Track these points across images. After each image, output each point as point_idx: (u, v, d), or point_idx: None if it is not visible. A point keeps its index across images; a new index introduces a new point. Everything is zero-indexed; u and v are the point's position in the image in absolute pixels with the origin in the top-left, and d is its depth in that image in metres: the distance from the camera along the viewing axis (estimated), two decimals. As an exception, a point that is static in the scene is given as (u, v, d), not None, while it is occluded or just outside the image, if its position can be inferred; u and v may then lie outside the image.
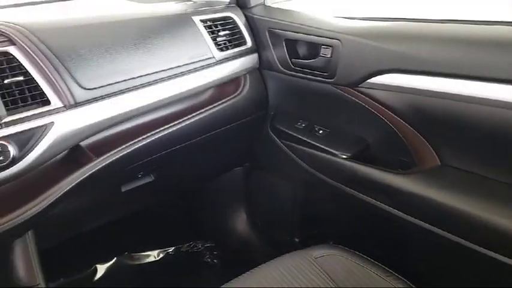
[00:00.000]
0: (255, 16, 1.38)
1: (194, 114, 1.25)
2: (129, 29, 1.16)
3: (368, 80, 1.14)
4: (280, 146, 1.43)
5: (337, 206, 1.43)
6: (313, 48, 1.26)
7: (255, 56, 1.39)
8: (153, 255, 1.80)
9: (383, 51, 1.10)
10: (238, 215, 1.81)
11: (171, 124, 1.19)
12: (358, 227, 1.40)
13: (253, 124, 1.47)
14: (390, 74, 1.10)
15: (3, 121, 0.90)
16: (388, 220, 1.15)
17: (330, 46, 1.20)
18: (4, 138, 0.89)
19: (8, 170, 0.89)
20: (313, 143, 1.32)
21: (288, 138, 1.40)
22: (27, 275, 1.04)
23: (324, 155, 1.29)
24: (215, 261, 1.80)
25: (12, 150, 0.89)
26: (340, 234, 1.46)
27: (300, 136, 1.36)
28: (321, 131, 1.34)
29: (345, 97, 1.22)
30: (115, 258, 1.73)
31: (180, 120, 1.22)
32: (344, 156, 1.25)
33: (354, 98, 1.20)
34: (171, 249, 1.82)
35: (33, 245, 1.05)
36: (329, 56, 1.20)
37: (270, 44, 1.35)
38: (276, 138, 1.44)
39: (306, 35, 1.25)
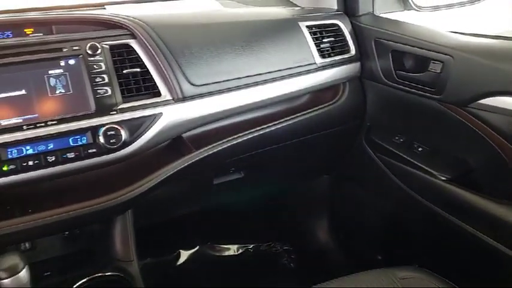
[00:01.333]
0: (362, 25, 1.36)
1: (288, 117, 1.26)
2: (238, 30, 1.20)
3: (478, 101, 1.07)
4: (373, 159, 1.39)
5: (428, 228, 1.36)
6: (422, 62, 1.21)
7: (357, 64, 1.36)
8: (233, 249, 1.85)
9: (497, 71, 1.03)
10: (320, 222, 1.80)
11: (266, 125, 1.22)
12: (449, 253, 1.32)
13: (347, 133, 1.45)
14: (503, 97, 1.02)
15: (119, 107, 0.98)
16: (485, 252, 1.07)
17: (441, 61, 1.14)
18: (118, 123, 0.97)
19: (119, 152, 0.97)
20: (411, 160, 1.26)
21: (383, 151, 1.36)
22: (123, 250, 1.13)
23: (421, 173, 1.23)
24: (291, 264, 1.81)
25: (124, 135, 0.97)
26: (427, 258, 1.39)
27: (396, 151, 1.31)
28: (420, 148, 1.28)
29: (451, 116, 1.15)
30: (198, 247, 1.81)
31: (275, 122, 1.23)
32: (443, 178, 1.18)
33: (460, 118, 1.13)
34: (250, 246, 1.86)
35: (131, 223, 1.14)
36: (438, 71, 1.15)
37: (375, 54, 1.32)
38: (370, 151, 1.41)
39: (415, 48, 1.20)
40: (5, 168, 0.88)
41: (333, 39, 1.32)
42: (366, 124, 1.43)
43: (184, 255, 1.78)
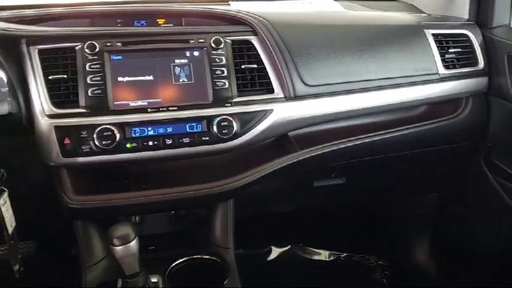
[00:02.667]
0: (494, 37, 1.25)
1: (402, 127, 1.21)
2: (358, 34, 1.18)
3: None
4: (491, 183, 1.28)
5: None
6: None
7: (484, 79, 1.26)
8: (325, 255, 1.82)
9: None
10: (421, 242, 1.70)
11: (377, 133, 1.18)
12: None
13: (465, 151, 1.34)
14: None
15: (233, 100, 1.02)
16: None
17: None
18: (231, 115, 1.01)
19: (229, 142, 1.01)
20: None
21: (504, 175, 1.24)
22: (222, 236, 1.18)
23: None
24: (384, 280, 1.74)
25: (236, 127, 1.01)
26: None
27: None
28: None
29: None
30: (289, 246, 1.82)
31: (387, 130, 1.19)
32: None
33: None
34: (343, 255, 1.82)
35: (232, 212, 1.18)
36: None
37: (507, 70, 1.21)
38: (488, 173, 1.29)
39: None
40: (128, 146, 0.96)
41: (460, 50, 1.24)
42: (487, 144, 1.31)
43: (276, 252, 1.80)
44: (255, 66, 1.06)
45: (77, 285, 1.09)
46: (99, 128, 0.94)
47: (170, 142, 0.98)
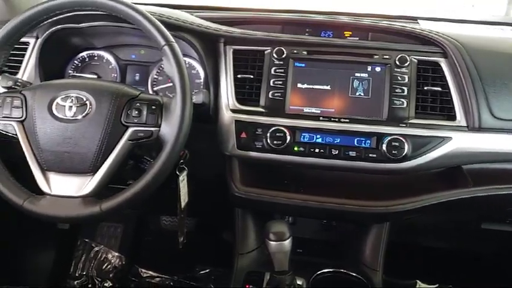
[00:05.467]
0: None
1: None
2: None
3: None
4: None
5: None
6: None
7: None
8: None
9: None
10: None
11: None
12: None
13: None
14: None
15: (409, 121, 0.99)
16: None
17: None
18: (404, 136, 0.98)
19: (397, 164, 0.98)
20: None
21: None
22: (371, 258, 1.15)
23: None
24: None
25: (407, 149, 0.97)
26: None
27: None
28: None
29: None
30: (437, 285, 1.67)
31: None
32: None
33: None
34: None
35: (386, 235, 1.14)
36: None
37: None
38: None
39: None
40: (295, 149, 1.01)
41: None
42: None
43: (421, 287, 1.68)
44: (439, 89, 1.01)
45: (226, 268, 1.18)
46: (273, 128, 1.00)
47: (336, 153, 1.00)
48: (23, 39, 0.97)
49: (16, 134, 0.87)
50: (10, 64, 1.03)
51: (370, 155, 0.98)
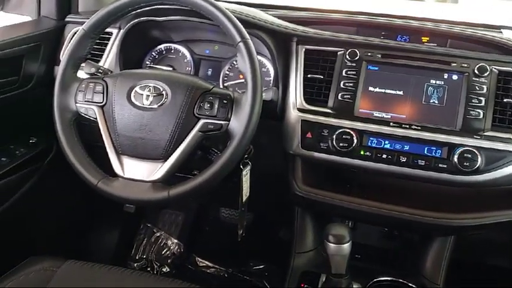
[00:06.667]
0: None
1: None
2: None
3: None
4: None
5: None
6: None
7: None
8: None
9: None
10: None
11: None
12: None
13: None
14: None
15: (485, 133, 0.94)
16: None
17: None
18: (478, 148, 0.93)
19: (467, 176, 0.94)
20: None
21: None
22: (433, 271, 1.10)
23: None
24: None
25: (479, 162, 0.93)
26: None
27: None
28: None
29: None
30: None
31: None
32: None
33: None
34: None
35: (450, 249, 1.10)
36: None
37: None
38: None
39: None
40: (362, 153, 0.99)
41: None
42: None
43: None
44: None
45: (279, 266, 1.18)
46: (340, 131, 0.99)
47: (404, 160, 0.97)
48: (107, 30, 1.04)
49: (96, 118, 0.92)
50: (93, 52, 1.09)
51: (440, 165, 0.95)
